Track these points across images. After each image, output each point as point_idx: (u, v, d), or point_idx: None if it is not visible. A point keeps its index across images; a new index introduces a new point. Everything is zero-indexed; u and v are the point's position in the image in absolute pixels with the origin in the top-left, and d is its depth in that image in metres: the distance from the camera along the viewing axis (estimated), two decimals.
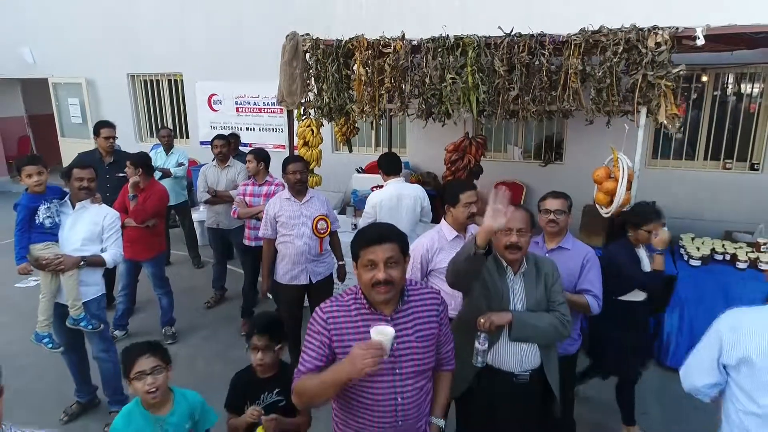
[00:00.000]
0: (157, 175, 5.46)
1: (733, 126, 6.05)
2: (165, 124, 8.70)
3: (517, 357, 2.31)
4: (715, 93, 6.06)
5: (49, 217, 3.21)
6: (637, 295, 3.24)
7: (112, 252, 3.36)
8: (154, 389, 2.10)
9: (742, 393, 1.83)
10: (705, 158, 6.25)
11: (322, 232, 3.94)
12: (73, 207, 3.35)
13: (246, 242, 4.82)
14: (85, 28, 9.13)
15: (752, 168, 6.01)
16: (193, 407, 2.26)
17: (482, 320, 2.22)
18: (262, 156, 4.74)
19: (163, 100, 9.25)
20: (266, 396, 2.45)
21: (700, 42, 3.59)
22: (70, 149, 9.84)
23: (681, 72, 3.65)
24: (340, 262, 4.20)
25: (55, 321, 3.37)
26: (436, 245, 2.96)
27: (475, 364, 2.29)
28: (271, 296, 4.63)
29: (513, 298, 2.33)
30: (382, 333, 1.69)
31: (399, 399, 1.87)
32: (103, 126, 5.09)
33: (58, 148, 10.55)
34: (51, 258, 3.12)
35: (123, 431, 2.14)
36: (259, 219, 4.40)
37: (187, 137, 9.00)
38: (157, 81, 9.17)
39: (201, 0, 8.22)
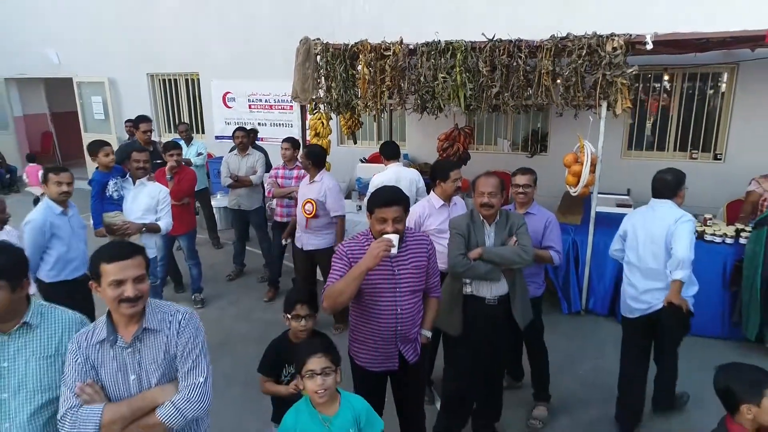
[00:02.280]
0: None
1: (699, 121, 6.75)
2: (182, 120, 9.41)
3: (488, 287, 3.03)
4: (683, 91, 6.75)
5: (116, 190, 3.95)
6: None
7: (165, 221, 4.11)
8: (323, 390, 2.08)
9: (626, 252, 3.46)
10: (674, 149, 6.94)
11: (307, 213, 4.60)
12: (134, 183, 4.09)
13: (278, 219, 5.46)
14: (107, 30, 9.84)
15: (716, 158, 6.72)
16: (359, 412, 2.20)
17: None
18: (296, 144, 5.45)
19: (180, 98, 9.97)
20: None
21: (650, 47, 4.29)
22: None
23: (633, 72, 4.35)
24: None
25: None
26: (426, 212, 3.68)
27: (466, 292, 3.04)
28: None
29: (487, 242, 3.04)
30: (392, 236, 2.42)
31: (398, 310, 2.58)
32: (142, 121, 5.84)
33: (78, 142, 11.29)
34: (120, 224, 3.84)
35: (292, 426, 2.15)
36: (290, 198, 5.13)
37: (203, 132, 9.70)
38: (175, 80, 9.89)
39: (217, 5, 8.91)
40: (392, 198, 2.50)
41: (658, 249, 3.27)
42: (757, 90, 6.24)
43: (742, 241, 4.55)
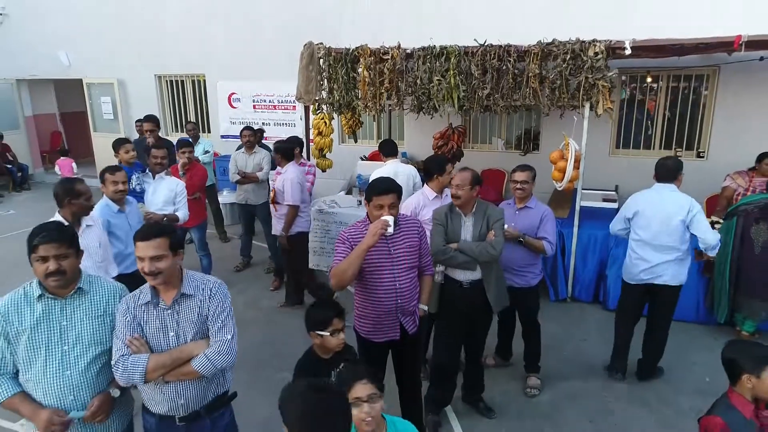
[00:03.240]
0: None
1: (683, 120, 7.10)
2: (189, 120, 9.77)
3: (462, 273, 3.40)
4: (668, 92, 7.10)
5: (138, 184, 4.31)
6: None
7: (183, 212, 4.48)
8: (369, 418, 1.94)
9: (633, 230, 3.88)
10: (660, 147, 7.29)
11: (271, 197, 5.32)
12: (153, 178, 4.46)
13: None
14: (116, 33, 10.19)
15: (699, 155, 7.06)
16: None
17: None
18: (300, 143, 5.85)
19: (187, 98, 10.32)
20: (337, 371, 2.50)
21: (628, 52, 4.64)
22: (101, 143, 10.93)
23: (614, 75, 4.70)
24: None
25: None
26: (421, 203, 4.03)
27: (437, 280, 3.38)
28: None
29: (464, 231, 3.40)
30: (387, 218, 2.77)
31: (397, 285, 2.94)
32: (146, 120, 6.23)
33: (86, 141, 11.68)
34: (143, 214, 4.20)
35: None
36: None
37: (209, 131, 10.05)
38: (182, 81, 10.24)
39: (222, 8, 9.25)
40: (387, 187, 2.86)
41: (671, 228, 3.77)
42: (737, 91, 6.59)
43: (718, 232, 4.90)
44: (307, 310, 2.61)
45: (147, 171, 4.55)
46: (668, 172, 3.86)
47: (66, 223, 2.87)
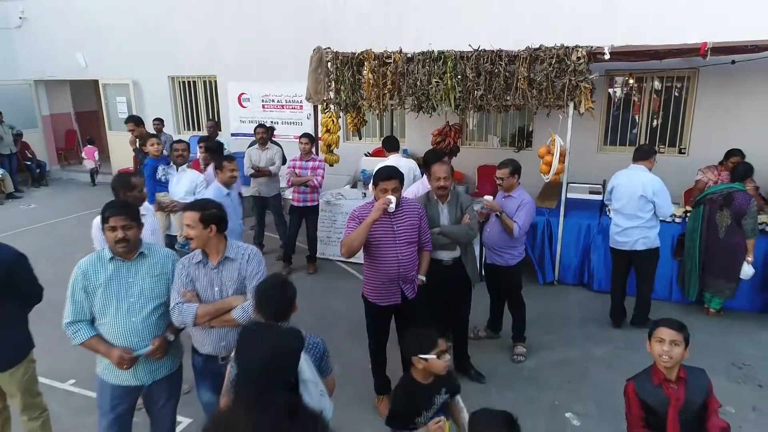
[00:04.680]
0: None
1: (666, 119, 7.60)
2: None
3: (445, 253, 3.91)
4: (652, 93, 7.60)
5: (164, 175, 4.83)
6: None
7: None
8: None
9: (612, 201, 4.91)
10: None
11: None
12: (177, 170, 4.98)
13: (294, 204, 6.33)
14: (132, 36, 10.71)
15: (680, 152, 7.56)
16: None
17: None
18: (313, 139, 6.34)
19: (198, 99, 10.84)
20: (438, 398, 2.52)
21: (607, 57, 5.15)
22: (116, 141, 11.49)
23: (595, 77, 5.20)
24: None
25: None
26: (421, 191, 4.51)
27: None
28: None
29: (441, 217, 3.91)
30: (390, 197, 3.29)
31: (399, 257, 3.45)
32: (128, 121, 6.95)
33: (98, 140, 12.27)
34: (168, 202, 4.71)
35: None
36: (306, 186, 6.03)
37: (220, 130, 10.55)
38: (194, 82, 10.76)
39: (233, 12, 9.76)
40: (390, 173, 3.39)
41: (634, 201, 4.76)
42: (715, 92, 7.08)
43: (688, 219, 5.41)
44: (409, 335, 2.55)
45: (171, 164, 5.07)
46: (642, 153, 4.91)
47: None
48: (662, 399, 2.49)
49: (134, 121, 7.64)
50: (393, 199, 3.28)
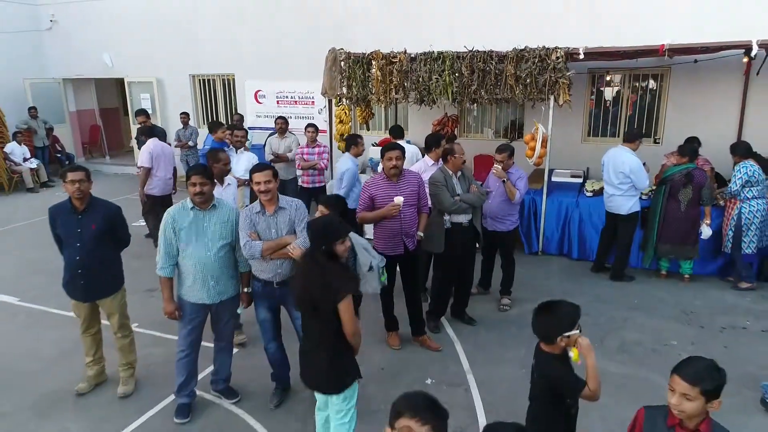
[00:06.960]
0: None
1: (642, 111, 8.47)
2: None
3: (464, 216, 4.76)
4: (630, 89, 8.48)
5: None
6: None
7: None
8: None
9: (603, 173, 6.12)
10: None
11: None
12: (236, 152, 5.94)
13: (303, 185, 7.30)
14: (155, 37, 11.60)
15: (655, 141, 8.43)
16: None
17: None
18: (317, 129, 7.27)
19: (217, 95, 11.74)
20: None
21: (581, 56, 6.02)
22: None
23: (571, 74, 6.09)
24: None
25: None
26: (422, 168, 5.44)
27: (446, 226, 4.76)
28: None
29: (458, 187, 4.78)
30: (398, 199, 4.20)
31: (401, 216, 4.34)
32: (138, 114, 7.69)
33: (118, 134, 13.28)
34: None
35: None
36: (314, 169, 6.91)
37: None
38: (213, 80, 11.66)
39: (251, 16, 10.64)
40: (394, 146, 4.33)
41: (615, 174, 5.91)
42: (685, 88, 7.93)
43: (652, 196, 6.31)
44: (554, 312, 2.56)
45: (231, 147, 6.07)
46: (630, 136, 6.11)
47: None
48: None
49: (145, 114, 8.40)
50: (401, 202, 4.24)
